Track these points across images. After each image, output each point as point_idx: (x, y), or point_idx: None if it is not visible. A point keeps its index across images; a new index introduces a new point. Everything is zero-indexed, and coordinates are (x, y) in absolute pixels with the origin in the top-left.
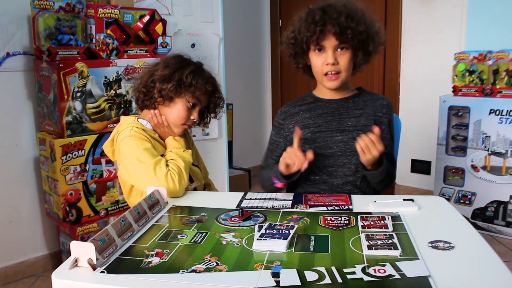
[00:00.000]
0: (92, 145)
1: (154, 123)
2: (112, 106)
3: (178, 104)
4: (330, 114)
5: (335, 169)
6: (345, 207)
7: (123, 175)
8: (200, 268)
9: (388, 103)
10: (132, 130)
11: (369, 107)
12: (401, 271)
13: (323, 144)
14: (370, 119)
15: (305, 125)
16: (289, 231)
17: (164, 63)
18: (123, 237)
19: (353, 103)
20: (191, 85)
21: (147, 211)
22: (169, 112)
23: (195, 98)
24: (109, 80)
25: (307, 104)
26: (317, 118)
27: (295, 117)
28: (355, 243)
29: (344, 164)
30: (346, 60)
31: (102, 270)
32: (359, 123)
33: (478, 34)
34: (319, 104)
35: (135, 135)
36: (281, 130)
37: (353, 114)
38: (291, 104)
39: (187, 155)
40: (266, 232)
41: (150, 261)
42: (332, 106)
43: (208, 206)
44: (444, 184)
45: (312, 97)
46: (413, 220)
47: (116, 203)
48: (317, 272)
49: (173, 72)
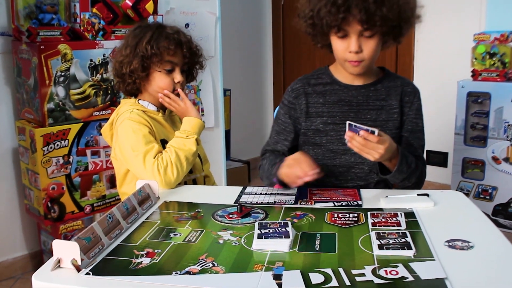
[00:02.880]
0: (76, 135)
1: (168, 105)
2: (98, 92)
3: (155, 76)
4: (347, 103)
5: (346, 169)
6: (354, 203)
7: (118, 158)
8: (195, 270)
9: (414, 90)
10: (132, 112)
11: (392, 97)
12: (415, 273)
13: (335, 138)
14: (393, 113)
15: (317, 112)
16: (285, 228)
17: (124, 43)
18: (110, 235)
19: (374, 91)
20: (155, 54)
21: (137, 207)
22: (153, 86)
23: (167, 63)
24: (94, 63)
25: (322, 85)
26: (332, 106)
27: (307, 99)
28: (364, 242)
29: (357, 165)
30: (372, 48)
31: (87, 272)
32: (379, 117)
33: (499, 13)
34: (336, 88)
35: (135, 118)
36: (291, 109)
37: (374, 106)
38: (304, 81)
39: (190, 142)
40: (263, 233)
41: (140, 262)
42: (350, 94)
43: (203, 202)
44: (463, 177)
45: (329, 76)
46: (429, 217)
47: (103, 198)
48: (323, 274)
49: (134, 49)
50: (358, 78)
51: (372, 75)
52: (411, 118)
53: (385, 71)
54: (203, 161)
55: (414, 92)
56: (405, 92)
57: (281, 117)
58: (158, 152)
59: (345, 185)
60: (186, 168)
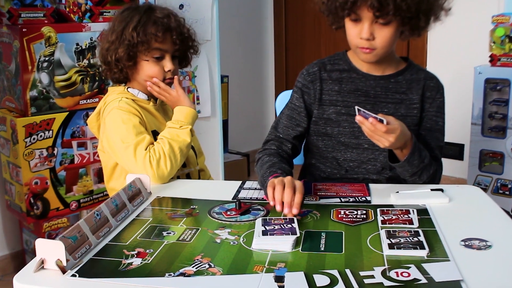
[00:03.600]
0: (61, 125)
1: (158, 94)
2: (85, 79)
3: (143, 65)
4: (364, 94)
5: (357, 164)
6: (362, 199)
7: (106, 151)
8: (190, 271)
9: (437, 85)
10: (121, 101)
11: (414, 91)
12: (429, 274)
13: (348, 130)
14: (412, 108)
15: (331, 100)
16: (291, 225)
17: (110, 27)
18: (98, 234)
19: (394, 83)
20: (141, 41)
21: (127, 204)
22: (141, 75)
23: (156, 51)
24: (81, 47)
25: (339, 72)
26: (348, 95)
27: (322, 85)
28: (373, 242)
29: (369, 161)
30: (386, 37)
31: (73, 274)
32: (397, 111)
33: None
34: (354, 77)
35: (124, 108)
36: (305, 93)
37: (393, 99)
38: (320, 65)
39: (184, 133)
40: (268, 229)
41: (130, 263)
42: (368, 84)
43: (199, 197)
44: (480, 171)
45: (347, 63)
46: (443, 214)
47: (90, 194)
48: (328, 276)
49: (120, 35)
50: (378, 67)
51: (393, 65)
52: (430, 115)
53: (408, 61)
54: (197, 154)
55: (438, 88)
56: (428, 87)
57: (295, 101)
58: (149, 143)
59: (357, 180)
60: (180, 160)
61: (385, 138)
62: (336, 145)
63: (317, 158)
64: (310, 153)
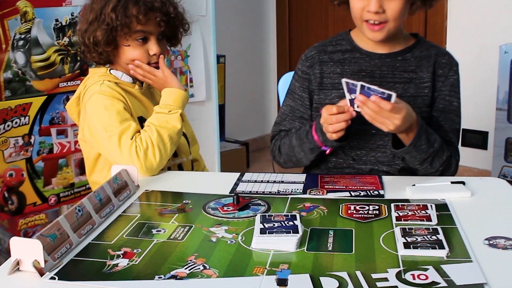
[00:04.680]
0: (39, 110)
1: (143, 77)
2: (65, 59)
3: (124, 49)
4: (369, 74)
5: (365, 152)
6: (374, 192)
7: (88, 140)
8: (182, 274)
9: (450, 61)
10: (102, 85)
11: (424, 69)
12: (449, 277)
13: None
14: (423, 87)
15: (333, 84)
16: (293, 222)
17: (89, 3)
18: (80, 232)
19: (402, 61)
20: (122, 25)
21: (112, 198)
22: (123, 59)
23: (138, 33)
24: (61, 24)
25: (341, 53)
26: (352, 77)
27: (322, 68)
28: (387, 240)
29: (378, 147)
30: (397, 8)
31: (52, 276)
32: (406, 92)
33: None
34: (357, 57)
35: (106, 92)
36: (305, 81)
37: (401, 79)
38: (320, 48)
39: (173, 119)
40: (267, 227)
41: (116, 264)
42: (373, 63)
43: (192, 191)
44: (506, 161)
45: (349, 42)
46: (465, 210)
47: (71, 187)
48: (337, 279)
49: (99, 15)
50: (383, 44)
51: (400, 41)
52: (443, 95)
53: (417, 37)
54: (190, 142)
55: (451, 64)
56: (439, 64)
57: (297, 91)
58: (135, 131)
59: (364, 171)
60: (171, 149)
61: (390, 120)
62: None
63: None
64: None
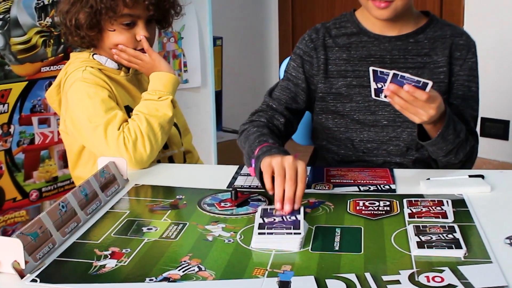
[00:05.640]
0: (19, 97)
1: (128, 62)
2: (48, 41)
3: (109, 34)
4: (379, 60)
5: (376, 145)
6: (385, 187)
7: (70, 132)
8: (176, 276)
9: (468, 42)
10: (85, 71)
11: (439, 52)
12: (466, 279)
13: (362, 105)
14: (438, 73)
15: (339, 71)
16: (295, 217)
17: None
18: (63, 230)
19: (415, 44)
20: (106, 8)
21: (99, 193)
22: (107, 44)
23: (125, 17)
24: (43, 3)
25: (346, 37)
26: (359, 63)
27: (327, 53)
28: (399, 239)
29: (390, 140)
30: None
31: (34, 278)
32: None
33: None
34: (364, 40)
35: (89, 79)
36: (305, 63)
37: (413, 63)
38: (324, 30)
39: (164, 106)
40: (266, 222)
41: (103, 265)
42: (383, 47)
43: (186, 186)
44: None
45: (355, 24)
46: (484, 206)
47: (54, 181)
48: (344, 281)
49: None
50: (393, 26)
51: (411, 22)
52: (462, 80)
53: (430, 16)
54: (182, 133)
55: (468, 46)
56: (456, 45)
57: (292, 71)
58: (123, 121)
59: (375, 164)
60: (162, 139)
61: (424, 110)
62: (350, 124)
63: (328, 140)
64: (319, 135)
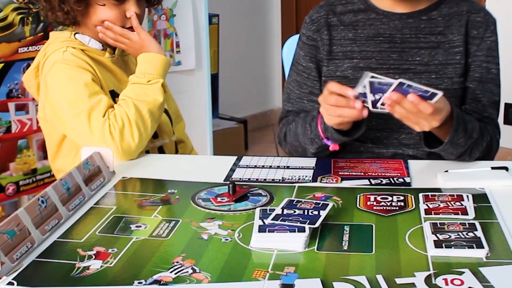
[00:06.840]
0: None
1: (114, 41)
2: (26, 19)
3: (97, 10)
4: (388, 39)
5: (386, 134)
6: (399, 180)
7: (50, 119)
8: (167, 278)
9: (486, 19)
10: (65, 52)
11: (454, 30)
12: (488, 282)
13: None
14: (454, 53)
15: (344, 52)
16: (318, 212)
17: None
18: (43, 228)
19: (428, 21)
20: None
21: (82, 187)
22: (94, 21)
23: None
24: None
25: (353, 14)
26: (366, 43)
27: (330, 33)
28: (414, 238)
29: (402, 128)
30: None
31: (10, 281)
32: (433, 59)
33: None
34: (372, 18)
35: (70, 61)
36: (312, 49)
37: (426, 43)
38: (327, 8)
39: (154, 90)
40: (264, 223)
41: (87, 267)
42: (393, 25)
43: (179, 179)
44: None
45: (363, 1)
46: (508, 201)
47: (33, 173)
48: (353, 284)
49: None
50: (403, 1)
51: None
52: (479, 61)
53: None
54: (173, 120)
55: (487, 23)
56: (473, 23)
57: (301, 61)
58: (108, 107)
59: (385, 156)
60: (151, 127)
61: (427, 121)
62: None
63: None
64: None
